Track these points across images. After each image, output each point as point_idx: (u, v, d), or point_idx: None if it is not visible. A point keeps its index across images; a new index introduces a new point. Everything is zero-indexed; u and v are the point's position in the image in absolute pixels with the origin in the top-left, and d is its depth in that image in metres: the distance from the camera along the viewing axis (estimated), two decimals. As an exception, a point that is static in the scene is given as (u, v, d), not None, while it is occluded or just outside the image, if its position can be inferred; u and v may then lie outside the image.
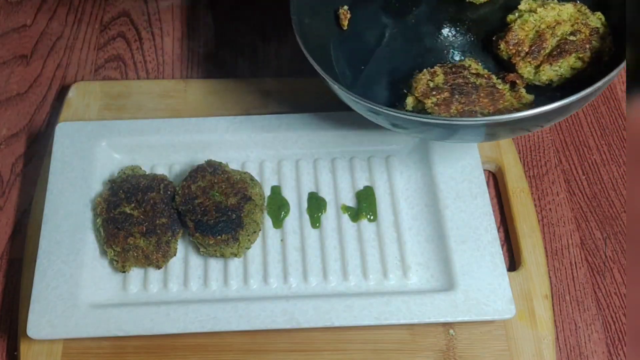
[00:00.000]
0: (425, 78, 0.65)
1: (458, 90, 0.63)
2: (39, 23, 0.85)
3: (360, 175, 0.71)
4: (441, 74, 0.65)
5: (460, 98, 0.62)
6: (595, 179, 0.74)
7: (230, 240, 0.63)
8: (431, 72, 0.65)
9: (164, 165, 0.71)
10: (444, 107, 0.62)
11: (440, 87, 0.63)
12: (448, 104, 0.62)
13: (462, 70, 0.65)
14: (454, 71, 0.65)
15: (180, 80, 0.78)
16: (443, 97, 0.63)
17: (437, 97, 0.63)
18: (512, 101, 0.63)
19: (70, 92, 0.76)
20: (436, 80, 0.64)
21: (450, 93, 0.63)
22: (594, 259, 0.69)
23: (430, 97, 0.63)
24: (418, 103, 0.64)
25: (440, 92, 0.63)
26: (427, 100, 0.63)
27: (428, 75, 0.65)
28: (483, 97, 0.62)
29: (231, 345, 0.62)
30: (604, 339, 0.65)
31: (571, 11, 0.67)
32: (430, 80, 0.64)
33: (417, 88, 0.64)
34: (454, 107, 0.62)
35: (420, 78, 0.65)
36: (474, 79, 0.64)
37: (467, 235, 0.65)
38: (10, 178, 0.73)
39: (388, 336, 0.62)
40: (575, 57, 0.65)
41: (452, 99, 0.62)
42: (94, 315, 0.60)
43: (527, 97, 0.64)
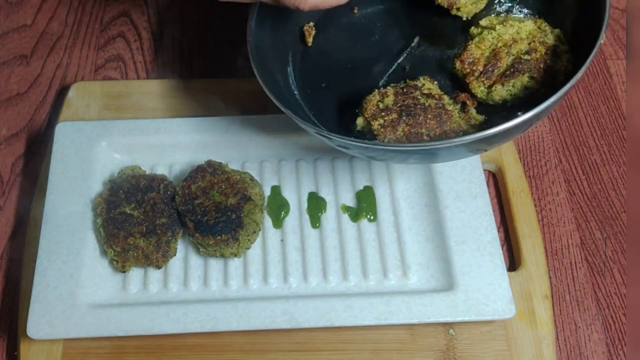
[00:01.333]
0: (376, 99, 0.63)
1: (406, 111, 0.62)
2: (39, 23, 0.85)
3: (360, 175, 0.71)
4: (392, 95, 0.64)
5: (408, 120, 0.61)
6: (595, 179, 0.74)
7: (230, 240, 0.63)
8: (382, 93, 0.64)
9: (164, 165, 0.71)
10: (390, 129, 0.61)
11: (390, 108, 0.62)
12: (395, 125, 0.61)
13: (414, 90, 0.64)
14: (405, 92, 0.64)
15: (180, 80, 0.78)
16: (391, 118, 0.61)
17: (385, 118, 0.62)
18: (459, 122, 0.62)
19: (70, 92, 0.76)
20: (386, 101, 0.63)
21: (399, 114, 0.62)
22: (594, 259, 0.69)
23: (378, 118, 0.62)
24: (367, 124, 0.62)
25: (389, 113, 0.62)
26: (374, 122, 0.61)
27: (378, 97, 0.63)
28: (430, 118, 0.61)
29: (231, 345, 0.62)
30: (604, 339, 0.65)
31: (530, 28, 0.66)
32: (380, 101, 0.63)
33: (367, 109, 0.63)
34: (400, 129, 0.61)
35: (370, 99, 0.63)
36: (424, 100, 0.63)
37: (467, 235, 0.65)
38: (10, 178, 0.73)
39: (388, 336, 0.62)
40: (529, 77, 0.63)
41: (400, 121, 0.61)
42: (94, 315, 0.60)
43: (477, 118, 0.63)
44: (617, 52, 0.84)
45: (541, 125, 0.78)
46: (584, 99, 0.80)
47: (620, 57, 0.84)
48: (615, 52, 0.84)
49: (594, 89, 0.81)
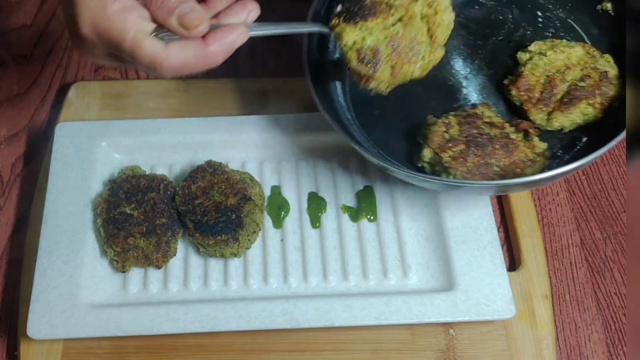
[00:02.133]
0: (441, 130, 0.64)
1: (474, 142, 0.62)
2: (39, 23, 0.85)
3: (360, 175, 0.71)
4: (455, 125, 0.64)
5: (476, 151, 0.62)
6: (595, 179, 0.74)
7: (230, 240, 0.63)
8: (446, 124, 0.64)
9: (164, 165, 0.71)
10: (461, 161, 0.61)
11: (456, 138, 0.63)
12: (465, 157, 0.61)
13: (476, 119, 0.64)
14: (468, 121, 0.64)
15: (180, 81, 0.78)
16: (459, 149, 0.62)
17: (454, 149, 0.62)
18: (526, 152, 0.62)
19: (70, 92, 0.76)
20: (451, 132, 0.63)
21: (466, 145, 0.62)
22: (594, 259, 0.69)
23: (446, 150, 0.62)
24: (434, 155, 0.63)
25: (456, 144, 0.62)
26: (443, 154, 0.62)
27: (443, 127, 0.64)
28: (498, 148, 0.62)
29: (231, 345, 0.62)
30: (604, 339, 0.65)
31: (580, 54, 0.66)
32: (446, 131, 0.63)
33: (433, 140, 0.63)
34: (470, 160, 0.61)
35: (435, 130, 0.64)
36: (488, 129, 0.63)
37: (467, 235, 0.65)
38: (10, 178, 0.73)
39: (388, 336, 0.62)
40: (586, 104, 0.64)
41: (469, 152, 0.62)
42: (94, 315, 0.60)
43: (540, 146, 0.63)
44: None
45: (541, 125, 0.78)
46: (584, 99, 0.80)
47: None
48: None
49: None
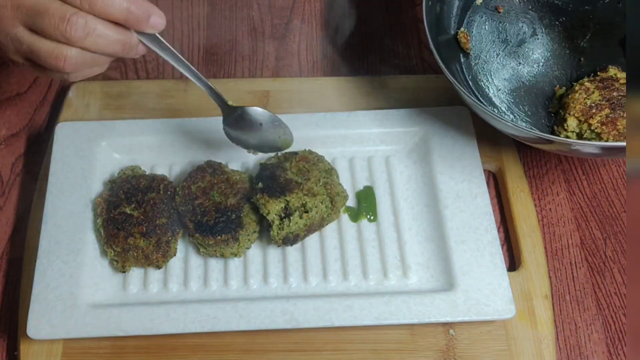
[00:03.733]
0: (582, 97, 0.63)
1: (618, 104, 0.61)
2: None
3: (360, 175, 0.71)
4: (595, 90, 0.63)
5: (623, 113, 0.61)
6: (595, 179, 0.74)
7: (230, 240, 0.63)
8: (585, 89, 0.64)
9: (164, 165, 0.71)
10: (611, 125, 0.61)
11: (599, 103, 0.62)
12: (613, 120, 0.61)
13: (613, 82, 0.64)
14: (605, 85, 0.64)
15: (180, 80, 0.78)
16: (605, 113, 0.61)
17: (600, 114, 0.62)
18: None
19: (70, 92, 0.76)
20: (592, 97, 0.63)
21: (611, 109, 0.61)
22: (594, 259, 0.69)
23: (592, 116, 0.62)
24: (580, 123, 0.63)
25: (601, 109, 0.62)
26: (591, 120, 0.61)
27: (584, 94, 0.63)
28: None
29: (231, 345, 0.62)
30: (604, 339, 0.65)
31: None
32: (587, 98, 0.63)
33: (576, 108, 0.63)
34: (619, 122, 0.61)
35: (576, 97, 0.63)
36: None
37: (467, 235, 0.65)
38: (10, 178, 0.73)
39: (388, 336, 0.62)
40: None
41: (616, 115, 0.61)
42: (94, 315, 0.60)
43: None
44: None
45: (541, 125, 0.78)
46: (584, 99, 0.80)
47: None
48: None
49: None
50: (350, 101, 0.76)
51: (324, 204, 0.64)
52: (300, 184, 0.64)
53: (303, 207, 0.63)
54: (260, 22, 0.86)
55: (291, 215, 0.63)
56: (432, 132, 0.71)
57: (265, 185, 0.64)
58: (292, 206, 0.63)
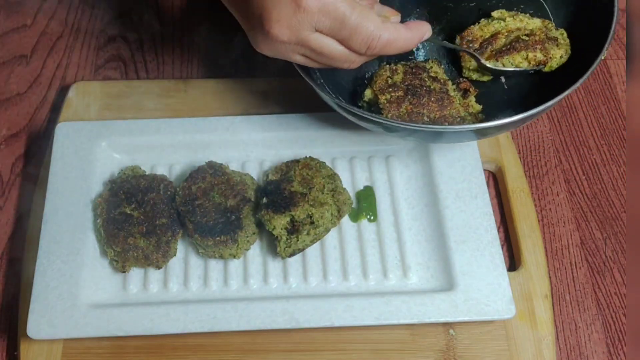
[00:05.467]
0: (386, 74, 0.67)
1: (412, 91, 0.66)
2: (39, 23, 0.85)
3: (360, 175, 0.71)
4: (401, 73, 0.67)
5: (412, 99, 0.65)
6: (595, 179, 0.74)
7: (229, 241, 0.63)
8: (392, 69, 0.68)
9: (164, 165, 0.71)
10: (395, 105, 0.65)
11: (397, 85, 0.66)
12: (399, 102, 0.65)
13: (422, 72, 0.68)
14: (414, 72, 0.68)
15: (180, 80, 0.78)
16: (397, 95, 0.65)
17: (392, 94, 0.65)
18: (459, 109, 0.66)
19: (70, 92, 0.76)
20: (395, 77, 0.67)
21: (405, 92, 0.66)
22: (594, 259, 0.69)
23: (385, 93, 0.66)
24: (374, 97, 0.66)
25: (396, 89, 0.66)
26: (381, 95, 0.65)
27: (389, 72, 0.67)
28: (433, 101, 0.65)
29: (231, 345, 0.62)
30: (604, 339, 0.65)
31: (538, 25, 0.68)
32: (390, 77, 0.67)
33: (377, 82, 0.67)
34: (404, 106, 0.65)
35: (381, 73, 0.67)
36: (430, 83, 0.67)
37: (467, 235, 0.65)
38: (10, 178, 0.73)
39: (388, 336, 0.62)
40: (523, 57, 0.66)
41: (405, 99, 0.65)
42: (94, 315, 0.60)
43: (475, 107, 0.67)
44: (617, 52, 0.84)
45: (541, 125, 0.78)
46: (584, 99, 0.80)
47: (621, 57, 0.84)
48: (615, 52, 0.84)
49: (594, 89, 0.81)
50: (350, 101, 0.76)
51: (330, 213, 0.64)
52: (305, 195, 0.64)
53: (309, 218, 0.63)
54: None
55: (298, 230, 0.63)
56: (432, 132, 0.71)
57: (269, 200, 0.64)
58: (298, 219, 0.63)
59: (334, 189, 0.66)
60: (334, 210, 0.64)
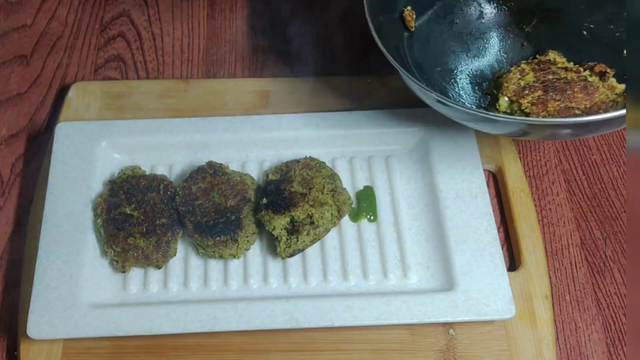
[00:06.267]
0: (516, 77, 0.63)
1: (551, 87, 0.62)
2: (39, 23, 0.85)
3: (360, 175, 0.71)
4: (530, 72, 0.64)
5: (555, 95, 0.61)
6: (595, 179, 0.74)
7: (229, 241, 0.63)
8: (520, 71, 0.64)
9: (164, 165, 0.71)
10: (541, 106, 0.61)
11: (532, 84, 0.62)
12: (544, 102, 0.61)
13: (550, 65, 0.64)
14: (542, 67, 0.64)
15: (180, 80, 0.78)
16: (537, 95, 0.62)
17: (532, 95, 0.62)
18: (606, 93, 0.61)
19: (70, 92, 0.76)
20: (527, 78, 0.63)
21: (544, 90, 0.62)
22: (594, 259, 0.69)
23: (524, 96, 0.62)
24: (512, 103, 0.62)
25: (534, 90, 0.62)
26: (522, 100, 0.62)
27: (518, 74, 0.63)
28: (577, 92, 0.61)
29: (231, 345, 0.62)
30: (604, 339, 0.65)
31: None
32: (521, 78, 0.63)
33: (509, 88, 0.63)
34: (550, 105, 0.61)
35: (510, 77, 0.63)
36: (564, 74, 0.63)
37: (467, 235, 0.65)
38: (10, 178, 0.73)
39: (388, 336, 0.62)
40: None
41: (548, 97, 0.61)
42: (94, 315, 0.60)
43: (619, 87, 0.62)
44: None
45: (541, 125, 0.78)
46: (584, 99, 0.80)
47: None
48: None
49: (594, 89, 0.81)
50: (350, 101, 0.76)
51: (330, 213, 0.64)
52: (304, 195, 0.64)
53: (309, 218, 0.63)
54: (261, 21, 0.86)
55: (298, 231, 0.63)
56: (432, 132, 0.71)
57: (269, 201, 0.64)
58: (298, 219, 0.63)
59: (334, 189, 0.66)
60: (334, 211, 0.64)
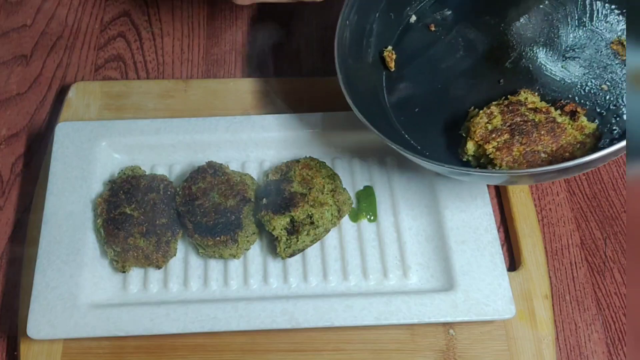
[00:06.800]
0: (483, 121, 0.63)
1: (518, 130, 0.61)
2: (38, 23, 0.85)
3: (360, 175, 0.71)
4: (498, 114, 0.63)
5: (521, 139, 0.61)
6: (595, 179, 0.74)
7: (229, 241, 0.63)
8: (488, 114, 0.63)
9: (164, 165, 0.71)
10: (505, 151, 0.60)
11: (499, 128, 0.62)
12: (509, 146, 0.60)
13: (519, 106, 0.63)
14: (511, 109, 0.63)
15: (180, 80, 0.78)
16: (503, 139, 0.61)
17: (497, 140, 0.61)
18: (574, 134, 0.61)
19: (70, 92, 0.76)
20: (494, 122, 0.62)
21: (510, 134, 0.61)
22: (594, 259, 0.69)
23: (490, 141, 0.61)
24: (479, 148, 0.62)
25: (500, 134, 0.61)
26: (487, 145, 0.61)
27: (485, 118, 0.63)
28: (544, 134, 0.60)
29: (231, 345, 0.62)
30: (604, 339, 0.65)
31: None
32: (488, 122, 0.62)
33: (476, 132, 0.62)
34: (515, 149, 0.60)
35: (477, 122, 0.63)
36: (532, 115, 0.62)
37: (467, 235, 0.65)
38: (10, 178, 0.73)
39: (388, 336, 0.62)
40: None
41: (513, 141, 0.61)
42: (94, 315, 0.60)
43: (590, 126, 0.61)
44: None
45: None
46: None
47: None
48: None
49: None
50: (350, 101, 0.76)
51: (330, 213, 0.64)
52: (304, 195, 0.64)
53: (309, 218, 0.63)
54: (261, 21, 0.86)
55: (298, 231, 0.63)
56: (432, 132, 0.71)
57: (269, 201, 0.64)
58: (297, 219, 0.63)
59: (334, 189, 0.66)
60: (334, 211, 0.64)
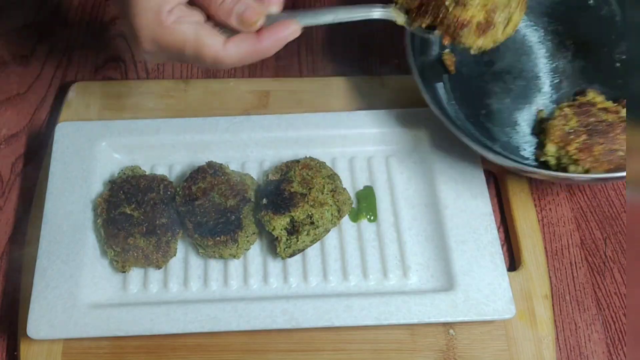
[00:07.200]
0: (561, 123, 0.65)
1: (595, 130, 0.63)
2: (39, 23, 0.85)
3: (360, 175, 0.71)
4: (573, 116, 0.65)
5: (600, 139, 0.62)
6: (595, 179, 0.74)
7: (229, 241, 0.63)
8: (563, 116, 0.65)
9: (164, 165, 0.71)
10: (587, 152, 0.62)
11: (577, 129, 0.64)
12: (590, 147, 0.62)
13: (590, 107, 0.65)
14: (583, 110, 0.65)
15: (180, 81, 0.78)
16: (582, 140, 0.63)
17: (577, 140, 0.63)
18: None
19: (70, 92, 0.76)
20: (570, 123, 0.64)
21: (588, 135, 0.63)
22: (594, 259, 0.69)
23: (570, 142, 0.63)
24: (559, 149, 0.64)
25: (579, 135, 0.63)
26: (569, 147, 0.63)
27: (562, 120, 0.65)
28: (620, 133, 0.63)
29: (231, 345, 0.62)
30: (604, 339, 0.65)
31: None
32: (565, 124, 0.65)
33: (555, 134, 0.64)
34: (596, 149, 0.62)
35: (555, 124, 0.65)
36: (605, 116, 0.64)
37: (467, 235, 0.65)
38: (10, 178, 0.73)
39: (388, 336, 0.62)
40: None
41: (592, 141, 0.63)
42: (94, 315, 0.60)
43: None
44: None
45: (541, 125, 0.78)
46: (584, 99, 0.80)
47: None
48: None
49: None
50: (350, 101, 0.76)
51: (330, 213, 0.64)
52: (304, 195, 0.64)
53: (309, 218, 0.63)
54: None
55: (298, 231, 0.63)
56: (432, 132, 0.71)
57: (269, 201, 0.64)
58: (298, 219, 0.63)
59: (334, 189, 0.66)
60: (334, 211, 0.64)
